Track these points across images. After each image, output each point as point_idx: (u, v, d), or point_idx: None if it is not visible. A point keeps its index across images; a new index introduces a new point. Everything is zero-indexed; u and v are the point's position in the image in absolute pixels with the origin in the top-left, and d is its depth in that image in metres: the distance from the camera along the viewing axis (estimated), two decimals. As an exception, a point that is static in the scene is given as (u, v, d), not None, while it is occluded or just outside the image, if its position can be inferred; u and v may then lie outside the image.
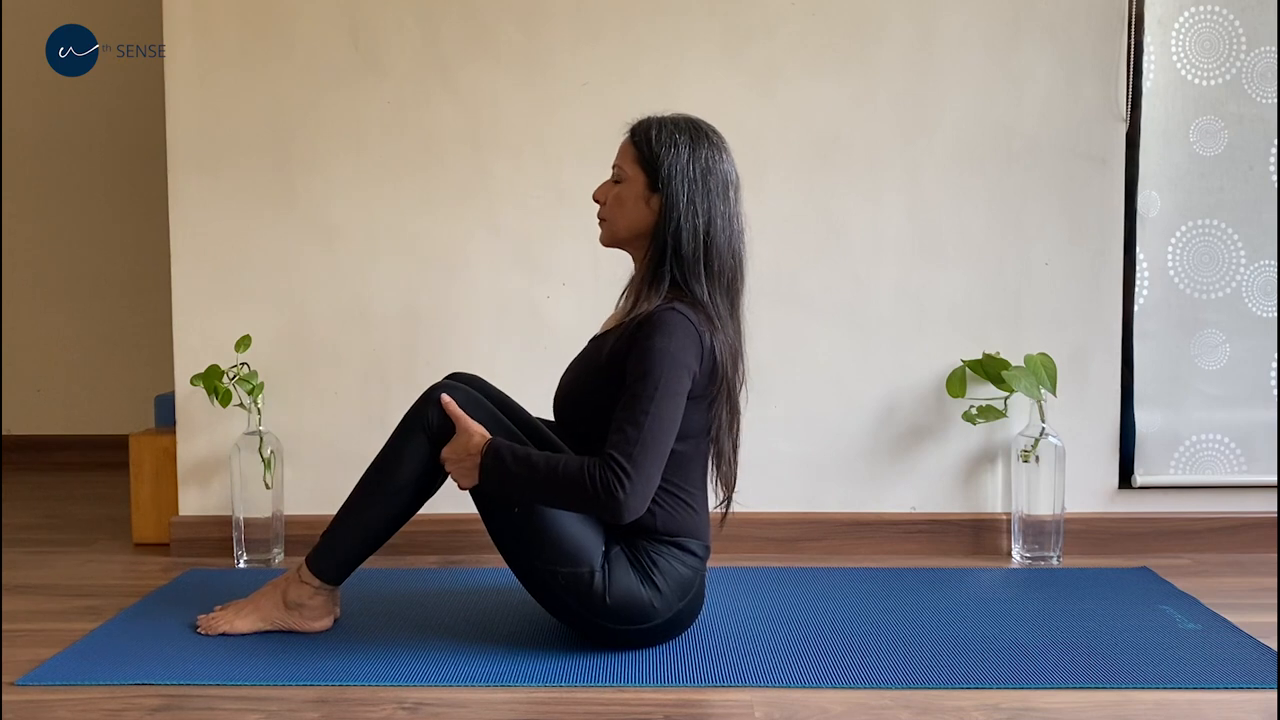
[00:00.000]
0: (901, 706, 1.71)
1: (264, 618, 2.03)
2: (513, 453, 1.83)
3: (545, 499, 1.83)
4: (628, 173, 1.94)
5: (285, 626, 2.02)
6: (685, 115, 1.96)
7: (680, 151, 1.89)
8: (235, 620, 2.03)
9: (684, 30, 2.58)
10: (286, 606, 2.02)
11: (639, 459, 1.77)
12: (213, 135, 2.60)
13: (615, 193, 1.96)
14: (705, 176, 1.90)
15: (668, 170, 1.89)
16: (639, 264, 1.98)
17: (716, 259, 1.90)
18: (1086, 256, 2.61)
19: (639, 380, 1.81)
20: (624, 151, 1.97)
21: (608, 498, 1.76)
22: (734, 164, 1.94)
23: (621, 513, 1.78)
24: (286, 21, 2.59)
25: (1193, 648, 1.95)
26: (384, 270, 2.62)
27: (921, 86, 2.59)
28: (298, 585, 2.02)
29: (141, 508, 2.72)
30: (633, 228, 1.94)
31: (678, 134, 1.91)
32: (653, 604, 1.88)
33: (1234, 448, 2.64)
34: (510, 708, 1.72)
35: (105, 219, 3.85)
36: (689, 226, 1.88)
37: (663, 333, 1.82)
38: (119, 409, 3.77)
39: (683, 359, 1.82)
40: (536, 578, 1.89)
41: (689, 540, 1.93)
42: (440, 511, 2.65)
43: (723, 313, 1.91)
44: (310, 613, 2.02)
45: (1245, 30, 2.59)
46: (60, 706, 1.72)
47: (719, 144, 1.93)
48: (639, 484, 1.77)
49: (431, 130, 2.60)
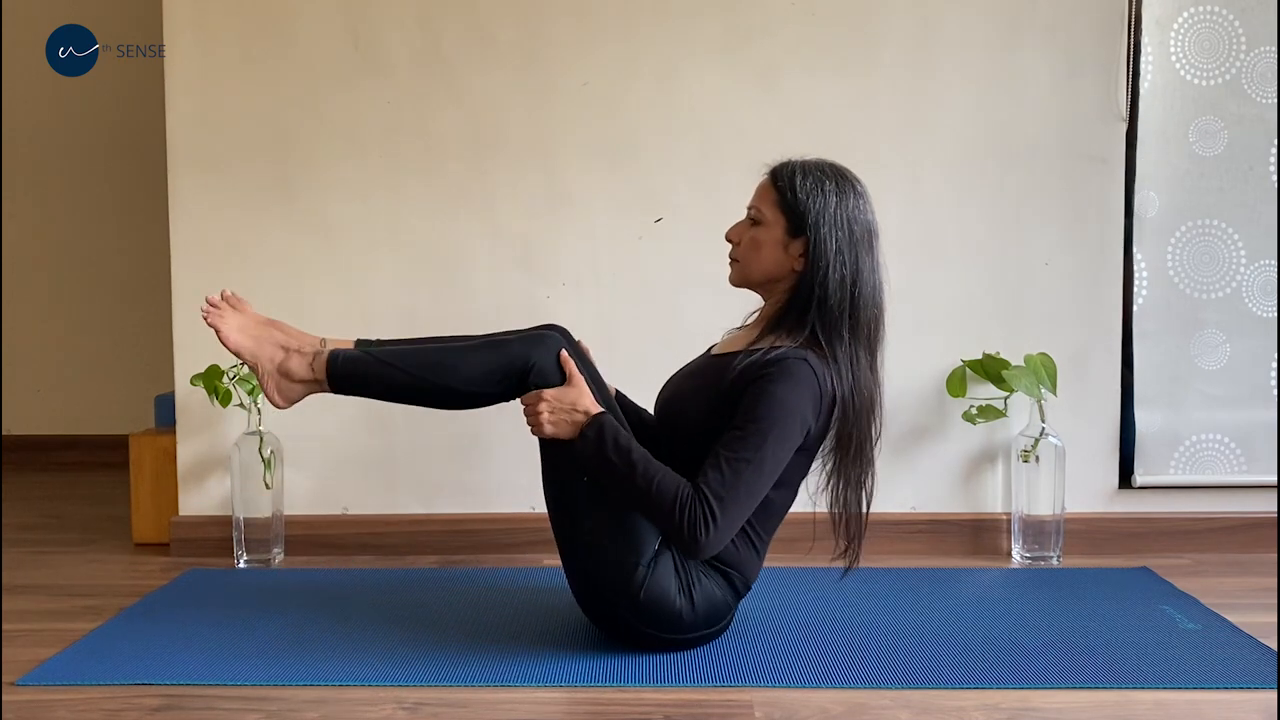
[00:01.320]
0: (901, 706, 1.71)
1: (251, 352, 1.96)
2: (616, 439, 1.81)
3: (627, 498, 1.81)
4: (766, 216, 1.91)
5: (256, 371, 1.96)
6: (828, 161, 1.93)
7: (828, 199, 1.87)
8: (234, 332, 1.95)
9: (684, 30, 2.58)
10: (278, 366, 1.95)
11: (729, 505, 1.76)
12: (213, 135, 2.60)
13: (751, 235, 1.93)
14: (851, 225, 1.87)
15: (815, 218, 1.86)
16: (771, 305, 1.95)
17: (861, 311, 1.87)
18: (1086, 256, 2.61)
19: (751, 422, 1.79)
20: (763, 194, 1.93)
21: (690, 533, 1.76)
22: (874, 211, 1.91)
23: (698, 551, 1.78)
24: (286, 21, 2.59)
25: (1193, 648, 1.95)
26: (384, 270, 2.62)
27: (921, 86, 2.59)
28: (304, 365, 1.95)
29: (141, 508, 2.72)
30: (767, 272, 1.92)
31: (824, 180, 1.88)
32: (681, 616, 1.87)
33: (1234, 448, 2.64)
34: (510, 708, 1.72)
35: (105, 219, 3.85)
36: (836, 277, 1.85)
37: (787, 381, 1.80)
38: (119, 409, 3.77)
39: (799, 411, 1.80)
40: (579, 541, 1.88)
41: (737, 575, 1.92)
42: (440, 511, 2.66)
43: (862, 365, 1.88)
44: (285, 388, 1.96)
45: (1245, 30, 2.59)
46: (60, 706, 1.72)
47: (863, 192, 1.91)
48: (723, 529, 1.77)
49: (431, 130, 2.60)
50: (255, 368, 1.97)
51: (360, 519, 2.64)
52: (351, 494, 2.65)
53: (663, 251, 2.61)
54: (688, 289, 2.60)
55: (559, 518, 1.92)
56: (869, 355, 1.89)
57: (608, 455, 1.80)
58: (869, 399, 1.89)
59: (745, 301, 2.59)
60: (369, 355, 1.94)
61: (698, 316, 2.60)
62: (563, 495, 1.90)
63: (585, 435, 1.82)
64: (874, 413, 1.91)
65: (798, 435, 1.82)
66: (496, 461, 2.59)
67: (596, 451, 1.81)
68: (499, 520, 2.62)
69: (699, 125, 2.59)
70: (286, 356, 1.96)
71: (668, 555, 1.88)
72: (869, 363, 1.89)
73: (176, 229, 2.62)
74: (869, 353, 1.89)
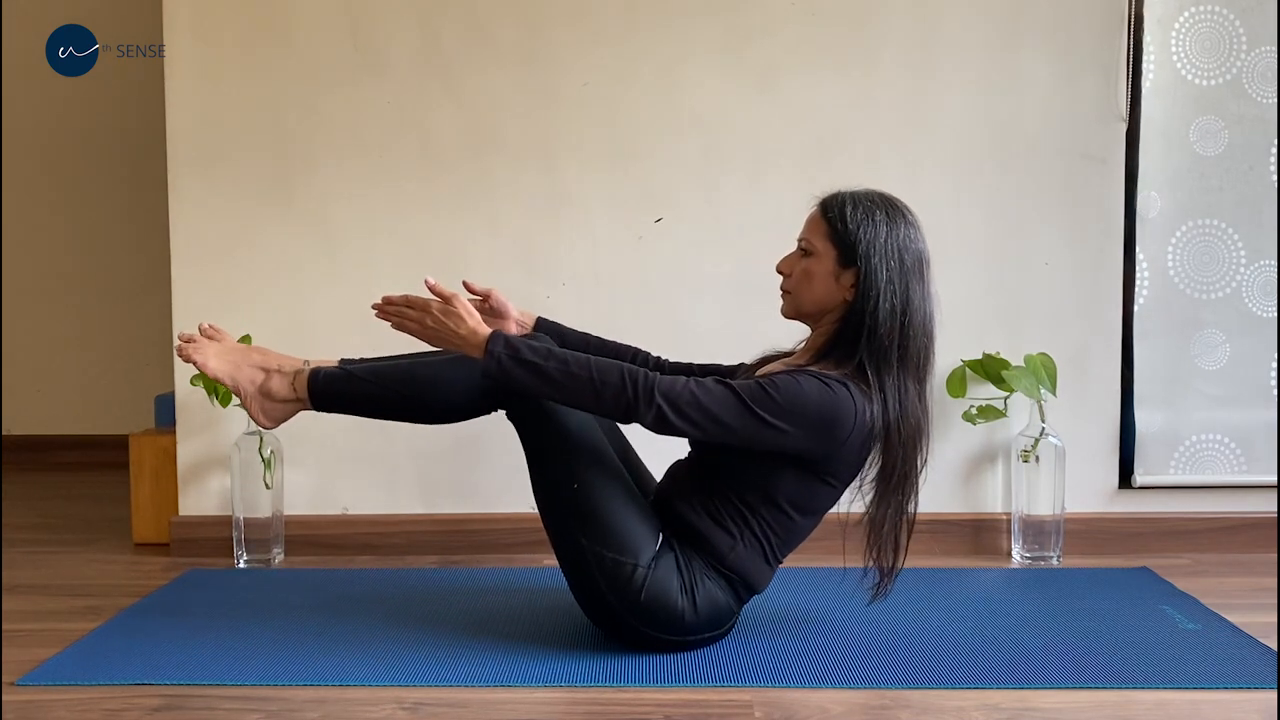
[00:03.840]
0: (901, 706, 1.71)
1: (231, 376, 1.99)
2: (528, 344, 1.82)
3: (566, 395, 1.81)
4: (817, 247, 1.90)
5: (240, 395, 2.00)
6: (877, 191, 1.93)
7: (878, 229, 1.86)
8: (211, 360, 1.99)
9: (684, 30, 2.58)
10: (259, 388, 1.99)
11: (686, 412, 1.77)
12: (213, 135, 2.60)
13: (803, 266, 1.92)
14: (902, 254, 1.86)
15: (865, 248, 1.85)
16: (820, 334, 1.95)
17: (911, 340, 1.86)
18: (1086, 256, 2.61)
19: (768, 383, 1.80)
20: (813, 225, 1.93)
21: (632, 405, 1.77)
22: (925, 240, 1.91)
23: (632, 420, 1.80)
24: (286, 21, 2.59)
25: (1193, 648, 1.95)
26: (384, 270, 2.62)
27: (921, 86, 2.59)
28: (285, 385, 1.99)
29: (141, 508, 2.72)
30: (819, 303, 1.91)
31: (874, 210, 1.88)
32: (683, 617, 1.87)
33: (1234, 448, 2.64)
34: (510, 708, 1.72)
35: (105, 219, 3.85)
36: (886, 306, 1.84)
37: (823, 388, 1.80)
38: (119, 409, 3.77)
39: (807, 415, 1.79)
40: (578, 555, 1.88)
41: (741, 582, 1.92)
42: (440, 511, 2.66)
43: (910, 394, 1.87)
44: (269, 408, 2.00)
45: (1245, 30, 2.59)
46: (60, 706, 1.72)
47: (913, 220, 1.90)
48: (664, 422, 1.78)
49: (431, 130, 2.60)
50: (237, 391, 2.00)
51: (360, 519, 2.64)
52: (351, 494, 2.65)
53: (663, 251, 2.61)
54: (688, 289, 2.61)
55: (554, 526, 1.92)
56: (917, 385, 1.88)
57: (527, 359, 1.80)
58: (916, 428, 1.88)
59: (745, 302, 2.60)
60: (348, 372, 1.98)
61: (698, 316, 2.60)
62: (554, 505, 1.91)
63: (491, 352, 1.81)
64: (920, 442, 1.91)
65: (789, 431, 1.80)
66: (496, 461, 2.59)
67: (514, 363, 1.80)
68: (499, 520, 2.62)
69: (699, 125, 2.59)
70: (267, 377, 1.99)
71: (670, 555, 1.88)
72: (917, 391, 1.89)
73: (176, 228, 2.62)
74: (918, 382, 1.88)
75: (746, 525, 1.89)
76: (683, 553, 1.89)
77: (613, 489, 1.89)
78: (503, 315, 2.13)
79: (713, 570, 1.90)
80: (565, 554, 1.91)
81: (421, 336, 1.91)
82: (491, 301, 2.12)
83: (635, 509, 1.90)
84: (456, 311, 1.86)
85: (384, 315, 1.95)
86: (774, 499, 1.89)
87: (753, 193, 2.60)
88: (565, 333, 2.16)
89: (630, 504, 1.89)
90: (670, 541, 1.90)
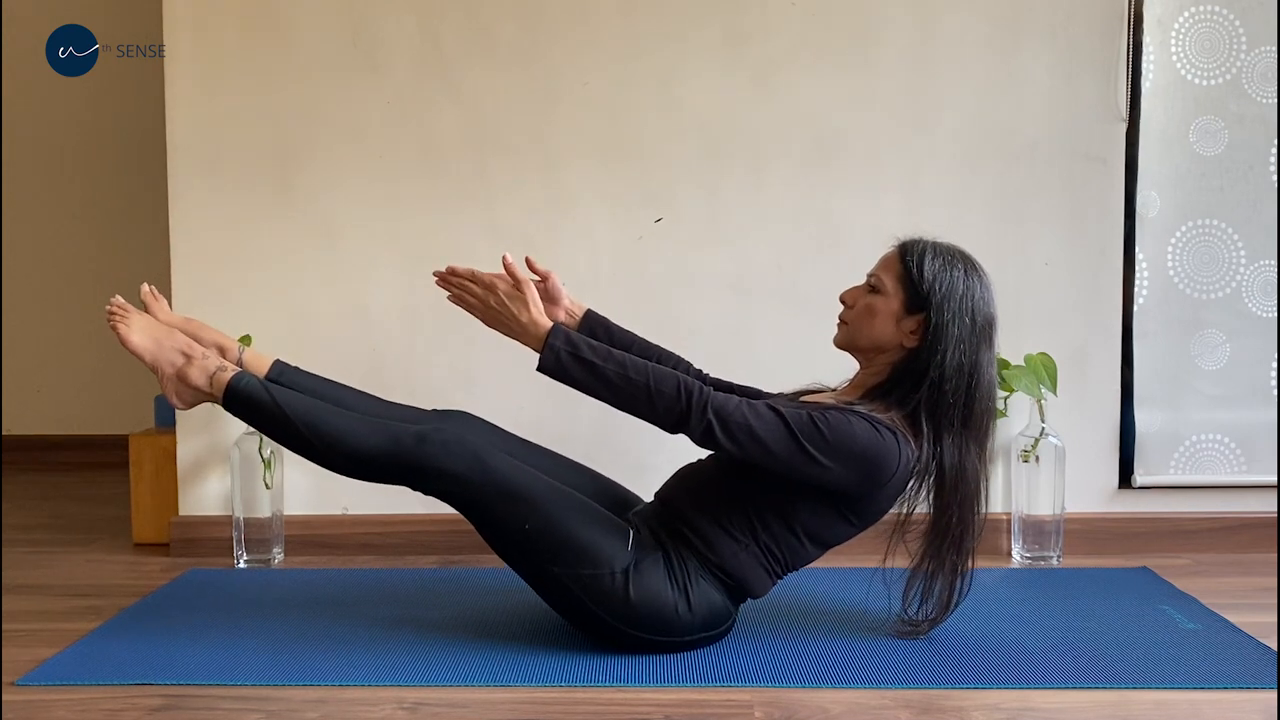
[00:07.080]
0: (901, 706, 1.71)
1: (151, 355, 2.00)
2: (587, 343, 1.82)
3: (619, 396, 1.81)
4: (887, 286, 1.90)
5: (156, 374, 2.01)
6: (957, 245, 1.92)
7: (955, 284, 1.85)
8: (135, 335, 2.00)
9: (684, 30, 2.58)
10: (176, 371, 1.99)
11: (735, 433, 1.77)
12: (213, 135, 2.60)
13: (867, 302, 1.91)
14: (975, 315, 1.85)
15: (940, 300, 1.84)
16: (871, 374, 1.94)
17: (977, 404, 1.85)
18: (1086, 256, 2.61)
19: (817, 412, 1.79)
20: (888, 265, 1.92)
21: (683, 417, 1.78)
22: (996, 304, 1.90)
23: (679, 431, 1.80)
24: (286, 21, 2.59)
25: (1193, 648, 1.95)
26: (384, 270, 2.62)
27: (921, 86, 2.59)
28: (204, 378, 1.98)
29: (141, 508, 2.72)
30: (875, 341, 1.91)
31: (954, 263, 1.87)
32: (677, 616, 1.86)
33: (1234, 448, 2.64)
34: (510, 707, 1.72)
35: (105, 219, 3.85)
36: (953, 363, 1.83)
37: (872, 429, 1.79)
38: (119, 409, 3.77)
39: (853, 455, 1.79)
40: (555, 583, 1.87)
41: (739, 589, 1.92)
42: (440, 511, 2.65)
43: (971, 455, 1.86)
44: (181, 391, 2.01)
45: (1245, 30, 2.59)
46: (60, 706, 1.72)
47: (989, 283, 1.89)
48: (710, 438, 1.78)
49: (431, 130, 2.60)
50: (155, 369, 2.01)
51: (360, 519, 2.64)
52: (351, 494, 2.64)
53: (663, 251, 2.61)
54: (688, 289, 2.60)
55: (523, 569, 1.91)
56: (979, 448, 1.88)
57: (586, 358, 1.80)
58: (974, 489, 1.88)
59: (746, 302, 2.60)
60: (268, 395, 1.94)
61: (698, 316, 2.60)
62: (514, 551, 1.89)
63: (551, 345, 1.81)
64: (978, 503, 1.90)
65: (834, 473, 1.79)
66: (496, 461, 2.59)
67: (573, 360, 1.80)
68: (499, 520, 2.62)
69: (699, 125, 2.59)
70: (187, 363, 2.00)
71: (656, 554, 1.88)
72: (978, 454, 1.88)
73: (176, 228, 2.62)
74: (979, 445, 1.88)
75: (754, 539, 1.89)
76: (675, 551, 1.89)
77: (561, 512, 1.87)
78: (555, 301, 2.07)
79: (709, 572, 1.89)
80: (544, 588, 1.90)
81: (479, 315, 1.90)
82: (549, 285, 2.06)
83: (590, 518, 1.88)
84: (523, 297, 1.85)
85: (445, 285, 1.94)
86: (790, 523, 1.88)
87: (753, 193, 2.60)
88: (613, 328, 2.12)
89: (583, 516, 1.88)
90: (658, 538, 1.90)
